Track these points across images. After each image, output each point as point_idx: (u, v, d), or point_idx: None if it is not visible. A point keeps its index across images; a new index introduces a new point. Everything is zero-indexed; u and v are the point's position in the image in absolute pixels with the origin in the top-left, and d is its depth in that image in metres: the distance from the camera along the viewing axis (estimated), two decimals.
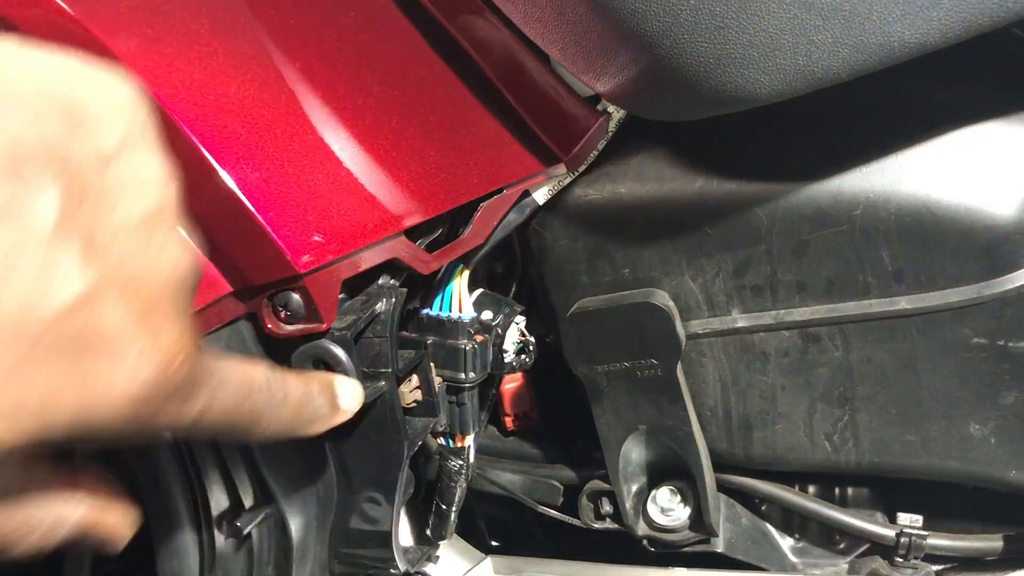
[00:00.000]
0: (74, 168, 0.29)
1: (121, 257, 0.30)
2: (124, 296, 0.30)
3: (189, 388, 0.34)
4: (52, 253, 0.28)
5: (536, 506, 0.78)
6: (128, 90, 0.32)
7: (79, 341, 0.29)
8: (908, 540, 0.71)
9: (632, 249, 0.67)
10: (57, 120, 0.29)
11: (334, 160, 0.53)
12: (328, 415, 0.47)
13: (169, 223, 0.33)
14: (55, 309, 0.28)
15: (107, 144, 0.31)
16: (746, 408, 0.69)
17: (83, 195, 0.29)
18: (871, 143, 0.60)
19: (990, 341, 0.61)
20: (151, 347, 0.31)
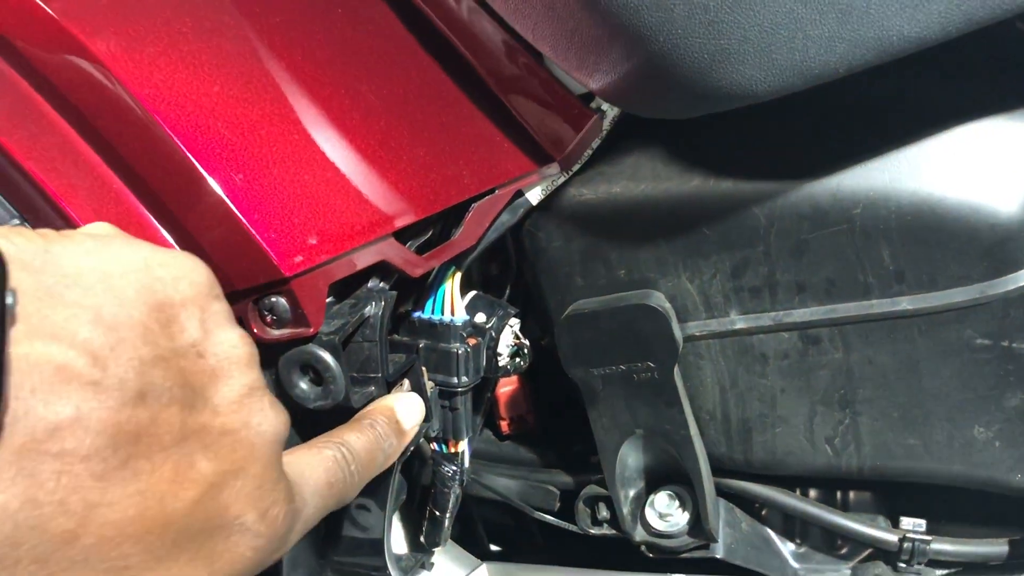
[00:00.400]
0: (181, 369, 0.32)
1: (232, 441, 0.34)
2: (239, 477, 0.34)
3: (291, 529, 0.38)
4: (179, 457, 0.31)
5: (532, 512, 0.77)
6: (201, 270, 0.35)
7: (205, 529, 0.32)
8: (911, 545, 0.70)
9: (627, 250, 0.66)
10: (159, 326, 0.32)
11: (321, 160, 0.52)
12: (397, 446, 0.51)
13: (262, 390, 0.36)
14: (188, 505, 0.31)
15: (196, 333, 0.33)
16: (745, 411, 0.68)
17: (192, 392, 0.32)
18: (871, 140, 0.59)
19: (994, 342, 0.60)
20: (263, 516, 0.35)
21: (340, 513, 0.63)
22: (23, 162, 0.46)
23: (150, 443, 0.30)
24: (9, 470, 0.27)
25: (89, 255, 0.31)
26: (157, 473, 0.31)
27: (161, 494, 0.31)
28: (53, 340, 0.28)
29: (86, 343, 0.29)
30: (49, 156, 0.47)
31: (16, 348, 0.27)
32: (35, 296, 0.28)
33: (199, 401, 0.33)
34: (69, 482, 0.28)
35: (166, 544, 0.31)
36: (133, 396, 0.30)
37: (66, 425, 0.28)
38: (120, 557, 0.30)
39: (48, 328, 0.28)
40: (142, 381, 0.30)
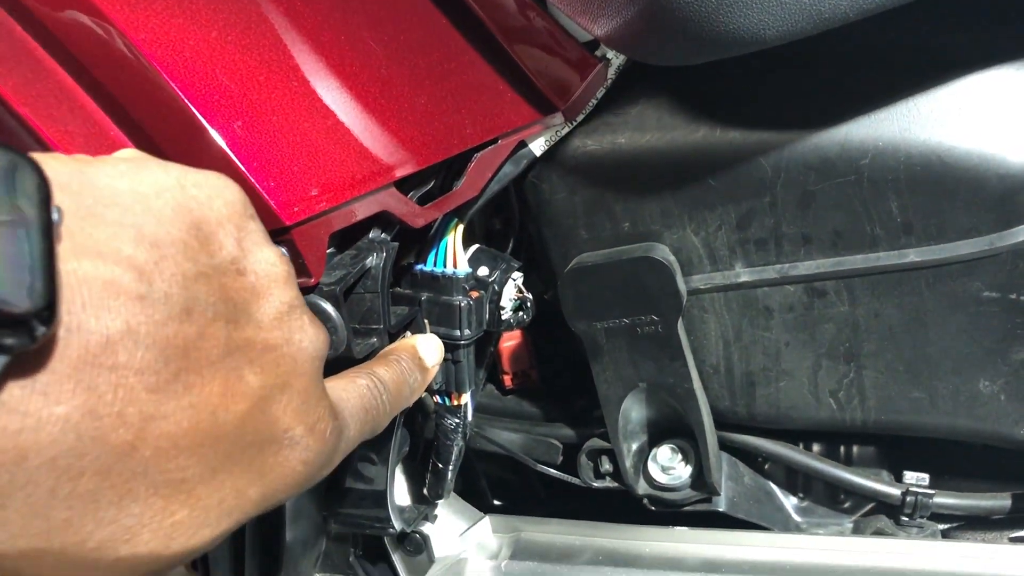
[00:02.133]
0: (223, 286, 0.32)
1: (275, 356, 0.34)
2: (285, 391, 0.34)
3: (336, 446, 0.39)
4: (227, 371, 0.32)
5: (535, 465, 0.77)
6: (234, 189, 0.35)
7: (257, 441, 0.33)
8: (914, 499, 0.70)
9: (632, 202, 0.65)
10: (198, 243, 0.32)
11: (320, 108, 0.51)
12: (421, 382, 0.51)
13: (301, 307, 0.37)
14: (238, 418, 0.32)
15: (234, 251, 0.34)
16: (749, 365, 0.68)
17: (235, 307, 0.33)
18: (880, 89, 0.58)
19: (1001, 295, 0.59)
20: (311, 430, 0.36)
21: (344, 465, 0.63)
22: (18, 108, 0.46)
23: (198, 357, 0.31)
24: (68, 383, 0.27)
25: (124, 177, 0.31)
26: (207, 387, 0.31)
27: (212, 407, 0.31)
28: (99, 257, 0.28)
29: (131, 259, 0.29)
30: (44, 103, 0.46)
31: (64, 265, 0.27)
32: (77, 215, 0.29)
33: (242, 317, 0.33)
34: (125, 395, 0.29)
35: (219, 456, 0.32)
36: (179, 311, 0.30)
37: (118, 339, 0.28)
38: (177, 469, 0.30)
39: (92, 245, 0.28)
40: (187, 296, 0.30)
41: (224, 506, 0.32)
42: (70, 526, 0.28)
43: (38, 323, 0.26)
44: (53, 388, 0.27)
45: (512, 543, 0.74)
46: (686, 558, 0.69)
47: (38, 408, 0.27)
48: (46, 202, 0.27)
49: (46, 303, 0.26)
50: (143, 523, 0.30)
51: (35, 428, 0.27)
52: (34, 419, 0.27)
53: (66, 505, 0.28)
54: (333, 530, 0.67)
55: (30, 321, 0.25)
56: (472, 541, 0.75)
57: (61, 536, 0.28)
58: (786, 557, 0.68)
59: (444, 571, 0.73)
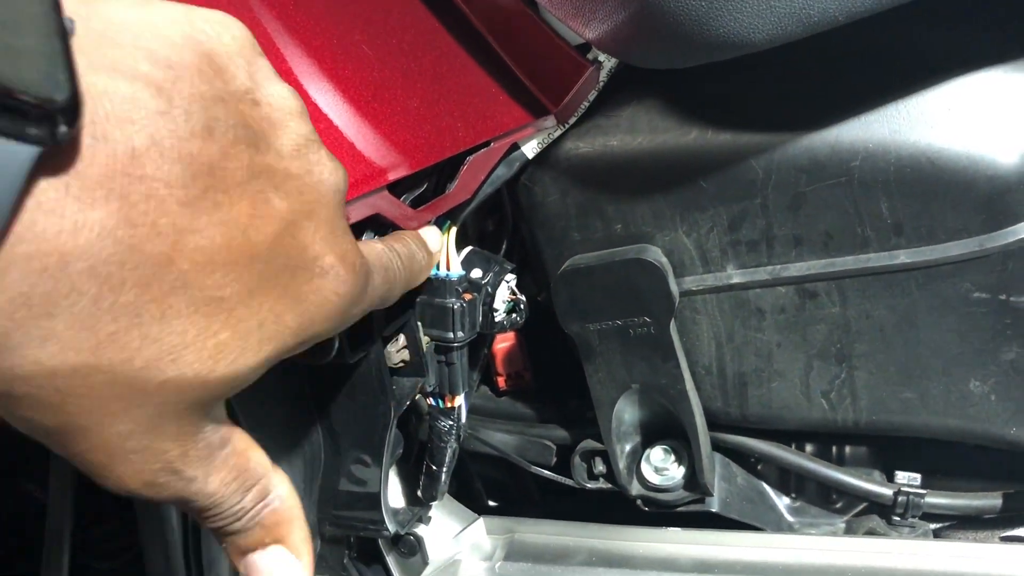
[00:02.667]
0: (241, 111, 0.32)
1: (298, 184, 0.34)
2: (312, 219, 0.35)
3: (365, 285, 0.39)
4: (253, 193, 0.32)
5: (529, 466, 0.77)
6: (240, 26, 0.35)
7: (289, 265, 0.34)
8: (906, 499, 0.70)
9: (624, 204, 0.65)
10: (211, 70, 0.31)
11: (312, 112, 0.51)
12: (428, 262, 0.53)
13: (317, 142, 0.37)
14: (269, 239, 0.32)
15: (247, 82, 0.33)
16: (741, 366, 0.68)
17: (254, 134, 0.33)
18: (870, 91, 0.58)
19: (991, 295, 0.60)
20: (341, 259, 0.36)
21: (338, 467, 0.63)
22: None
23: (224, 177, 0.31)
24: (100, 189, 0.27)
25: (131, 8, 0.31)
26: (236, 207, 0.31)
27: (243, 226, 0.31)
28: (116, 72, 0.28)
29: (148, 76, 0.29)
30: None
31: (81, 79, 0.26)
32: (88, 37, 0.28)
33: (262, 143, 0.33)
34: (157, 205, 0.28)
35: (255, 277, 0.32)
36: (201, 128, 0.30)
37: (143, 151, 0.28)
38: (215, 286, 0.30)
39: (108, 62, 0.28)
40: (207, 115, 0.30)
41: (264, 330, 0.33)
42: (116, 341, 0.28)
43: (62, 119, 0.25)
44: (86, 194, 0.27)
45: (506, 544, 0.74)
46: (679, 559, 0.70)
47: (74, 212, 0.26)
48: (57, 7, 0.26)
49: (70, 96, 0.25)
50: (187, 342, 0.30)
51: (73, 231, 0.26)
52: (71, 222, 0.26)
53: (111, 317, 0.28)
54: (327, 532, 0.67)
55: (55, 115, 0.25)
56: (466, 542, 0.75)
57: (109, 352, 0.28)
58: (779, 557, 0.68)
59: (438, 573, 0.73)
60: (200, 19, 0.33)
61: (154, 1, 0.32)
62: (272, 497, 0.37)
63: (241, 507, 0.35)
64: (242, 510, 0.35)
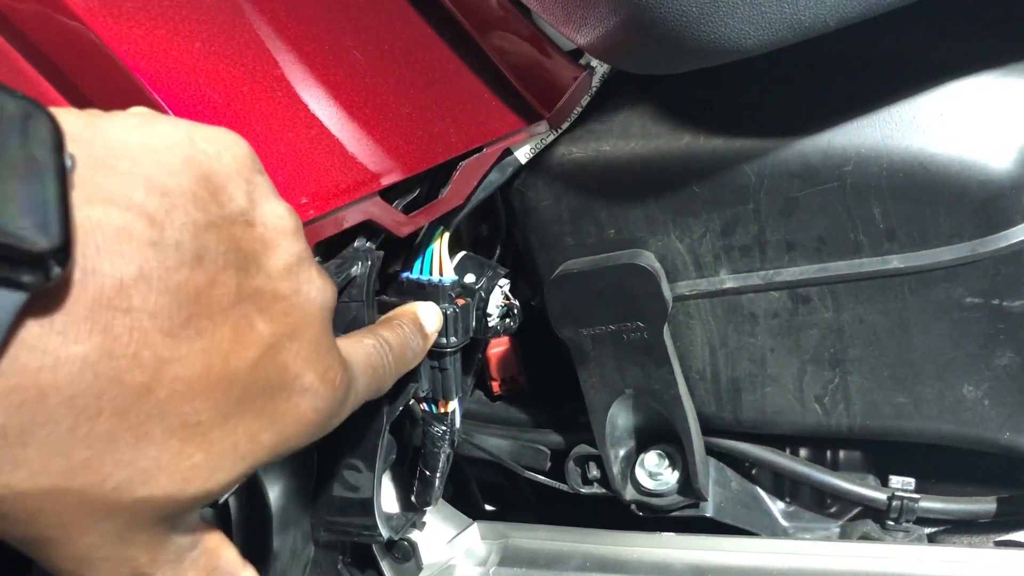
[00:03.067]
0: (233, 236, 0.33)
1: (285, 306, 0.35)
2: (295, 339, 0.35)
3: (346, 396, 0.39)
4: (238, 318, 0.33)
5: (523, 471, 0.77)
6: (242, 144, 0.35)
7: (268, 387, 0.34)
8: (900, 503, 0.70)
9: (617, 209, 0.65)
10: (207, 195, 0.32)
11: (305, 118, 0.51)
12: (422, 347, 0.53)
13: (309, 260, 0.37)
14: (249, 364, 0.33)
15: (243, 203, 0.34)
16: (735, 371, 0.68)
17: (244, 258, 0.33)
18: (862, 96, 0.59)
19: (984, 300, 0.60)
20: (322, 378, 0.37)
21: (331, 472, 0.63)
22: None
23: (209, 304, 0.31)
24: (85, 323, 0.28)
25: (134, 130, 0.32)
26: (218, 332, 0.32)
27: (224, 352, 0.32)
28: (111, 204, 0.29)
29: (142, 207, 0.30)
30: None
31: (77, 212, 0.27)
32: (88, 166, 0.29)
33: (252, 267, 0.34)
34: (140, 337, 0.29)
35: (232, 401, 0.32)
36: (191, 258, 0.31)
37: (131, 283, 0.29)
38: (192, 412, 0.31)
39: (104, 194, 0.29)
40: (197, 244, 0.31)
41: (238, 450, 0.33)
42: (89, 466, 0.29)
43: (54, 263, 0.26)
44: (71, 328, 0.27)
45: (500, 549, 0.74)
46: (673, 564, 0.70)
47: (56, 347, 0.27)
48: (59, 148, 0.27)
49: (62, 242, 0.26)
50: (160, 466, 0.31)
51: (54, 367, 0.27)
52: (53, 357, 0.27)
53: (85, 444, 0.29)
54: (321, 538, 0.66)
55: (47, 260, 0.26)
56: (460, 548, 0.75)
57: (81, 476, 0.29)
58: (773, 562, 0.68)
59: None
60: (201, 139, 0.33)
61: (156, 121, 0.33)
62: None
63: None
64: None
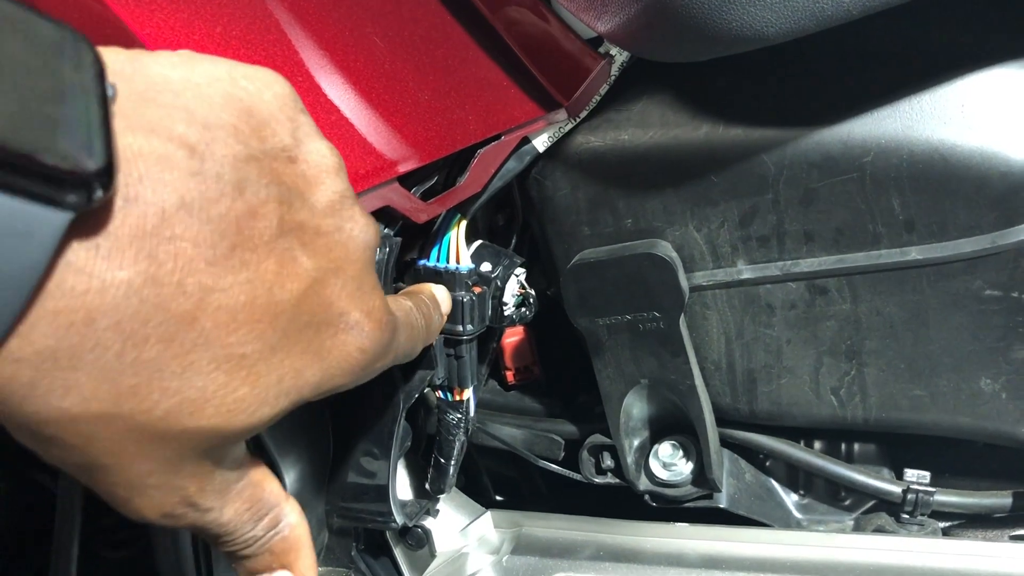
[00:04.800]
0: (275, 170, 0.33)
1: (328, 242, 0.35)
2: (339, 276, 0.35)
3: (391, 342, 0.40)
4: (280, 251, 0.33)
5: (536, 460, 0.77)
6: (283, 83, 0.36)
7: (313, 322, 0.34)
8: (915, 496, 0.70)
9: (635, 198, 0.65)
10: (249, 129, 0.33)
11: (324, 103, 0.51)
12: (440, 322, 0.54)
13: (352, 199, 0.37)
14: (294, 297, 0.33)
15: (286, 139, 0.34)
16: (751, 362, 0.68)
17: (287, 192, 0.34)
18: (882, 87, 0.58)
19: (1003, 293, 0.59)
20: (368, 316, 0.37)
21: (346, 458, 0.63)
22: None
23: (252, 236, 0.32)
24: (129, 249, 0.28)
25: (175, 67, 0.32)
26: (262, 264, 0.32)
27: (269, 284, 0.32)
28: (152, 133, 0.29)
29: (183, 137, 0.30)
30: None
31: (119, 140, 0.28)
32: (129, 98, 0.29)
33: (296, 201, 0.34)
34: (184, 265, 0.29)
35: (277, 334, 0.33)
36: (232, 189, 0.31)
37: (173, 211, 0.29)
38: (237, 343, 0.31)
39: (146, 123, 0.29)
40: (238, 176, 0.31)
41: (283, 385, 0.33)
42: (137, 394, 0.29)
43: (97, 184, 0.26)
44: (116, 253, 0.28)
45: (513, 538, 0.74)
46: (687, 554, 0.70)
47: (102, 271, 0.28)
48: (101, 76, 0.27)
49: (105, 164, 0.26)
50: (206, 397, 0.31)
51: (100, 290, 0.28)
52: (99, 281, 0.28)
53: (132, 371, 0.29)
54: (335, 524, 0.67)
55: (91, 182, 0.26)
56: (473, 536, 0.75)
57: (129, 403, 0.29)
58: (787, 554, 0.68)
59: (445, 565, 0.73)
60: (242, 77, 0.34)
61: (198, 59, 0.33)
62: (283, 525, 0.38)
63: (253, 535, 0.37)
64: (253, 538, 0.37)
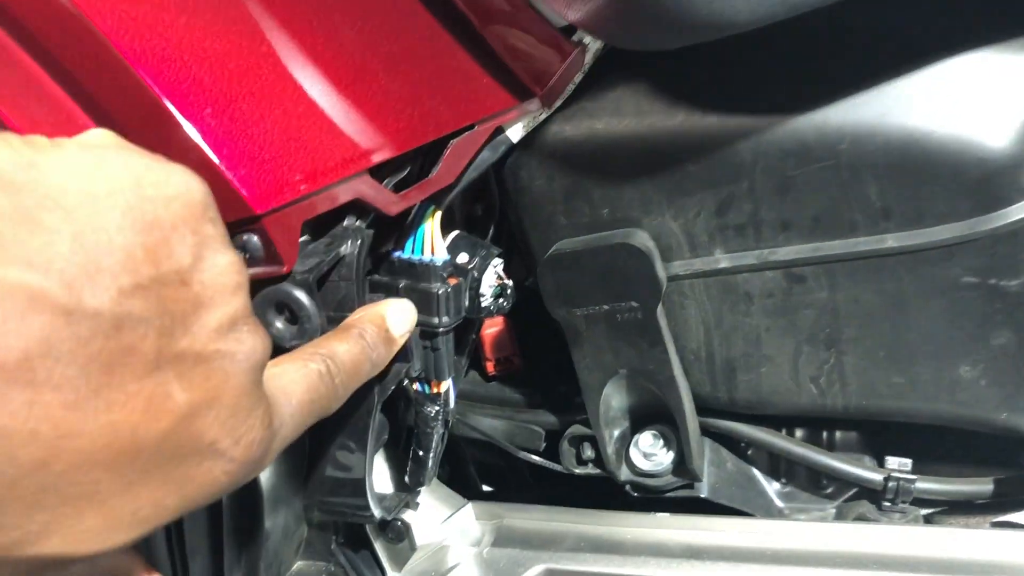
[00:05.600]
0: (162, 299, 0.31)
1: (207, 370, 0.33)
2: (213, 406, 0.33)
3: (268, 452, 0.37)
4: (153, 386, 0.31)
5: (517, 452, 0.77)
6: (196, 189, 0.33)
7: (178, 455, 0.32)
8: (896, 484, 0.70)
9: (611, 188, 0.64)
10: (143, 253, 0.30)
11: (293, 94, 0.51)
12: (385, 355, 0.50)
13: (244, 318, 0.35)
14: (160, 435, 0.31)
15: (184, 260, 0.32)
16: (730, 351, 0.67)
17: (171, 321, 0.31)
18: (858, 73, 0.58)
19: (981, 280, 0.59)
20: (236, 442, 0.34)
21: (323, 453, 0.63)
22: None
23: (123, 374, 0.30)
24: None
25: (76, 173, 0.30)
26: (130, 404, 0.30)
27: (133, 425, 0.30)
28: (28, 267, 0.27)
29: (62, 272, 0.28)
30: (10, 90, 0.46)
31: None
32: (12, 219, 0.27)
33: (178, 330, 0.32)
34: (40, 412, 0.28)
35: (136, 471, 0.31)
36: (108, 327, 0.29)
37: (37, 355, 0.27)
38: (91, 483, 0.30)
39: (24, 254, 0.27)
40: (119, 311, 0.29)
41: (139, 515, 0.32)
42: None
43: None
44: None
45: (494, 530, 0.74)
46: (668, 544, 0.69)
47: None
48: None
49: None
50: (51, 530, 0.29)
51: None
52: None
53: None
54: (314, 518, 0.66)
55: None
56: (454, 528, 0.75)
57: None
58: (769, 543, 0.68)
59: (426, 558, 0.73)
60: (150, 185, 0.31)
61: (107, 161, 0.31)
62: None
63: None
64: None
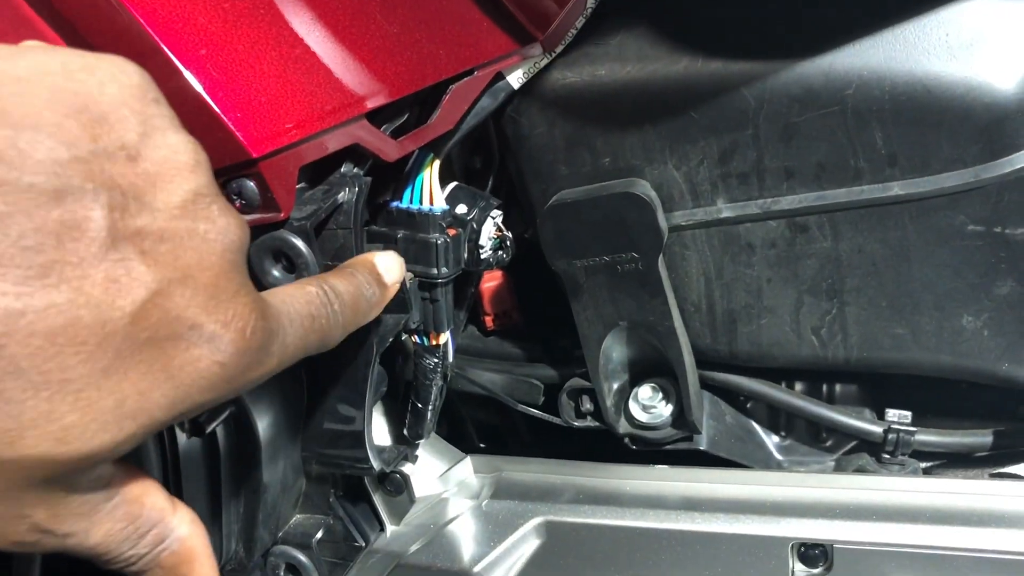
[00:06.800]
0: (107, 172, 0.30)
1: (173, 247, 0.32)
2: (187, 285, 0.32)
3: (266, 347, 0.36)
4: (112, 263, 0.30)
5: (516, 405, 0.77)
6: (133, 72, 0.33)
7: (156, 338, 0.31)
8: (896, 436, 0.70)
9: (613, 136, 0.63)
10: (78, 127, 0.30)
11: (288, 37, 0.49)
12: (380, 298, 0.49)
13: (211, 197, 0.34)
14: (128, 314, 0.30)
15: (127, 136, 0.32)
16: (731, 302, 0.67)
17: (123, 195, 0.31)
18: (865, 17, 0.57)
19: (986, 228, 0.59)
20: (226, 326, 0.33)
21: (321, 405, 0.62)
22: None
23: (75, 248, 0.29)
24: None
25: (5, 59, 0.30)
26: (88, 280, 0.29)
27: (96, 301, 0.29)
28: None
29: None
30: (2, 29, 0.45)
31: None
32: None
33: (132, 205, 0.31)
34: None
35: (109, 354, 0.30)
36: (48, 199, 0.29)
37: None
38: (58, 369, 0.29)
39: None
40: (57, 183, 0.29)
41: (125, 409, 0.31)
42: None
43: None
44: None
45: (493, 483, 0.74)
46: (667, 496, 0.69)
47: None
48: None
49: None
50: (24, 426, 0.29)
51: None
52: None
53: None
54: (313, 471, 0.66)
55: None
56: (453, 481, 0.75)
57: None
58: (767, 494, 0.68)
59: (425, 511, 0.73)
60: (80, 69, 0.31)
61: (31, 51, 0.31)
62: (171, 540, 0.37)
63: (134, 553, 0.36)
64: (135, 556, 0.36)
